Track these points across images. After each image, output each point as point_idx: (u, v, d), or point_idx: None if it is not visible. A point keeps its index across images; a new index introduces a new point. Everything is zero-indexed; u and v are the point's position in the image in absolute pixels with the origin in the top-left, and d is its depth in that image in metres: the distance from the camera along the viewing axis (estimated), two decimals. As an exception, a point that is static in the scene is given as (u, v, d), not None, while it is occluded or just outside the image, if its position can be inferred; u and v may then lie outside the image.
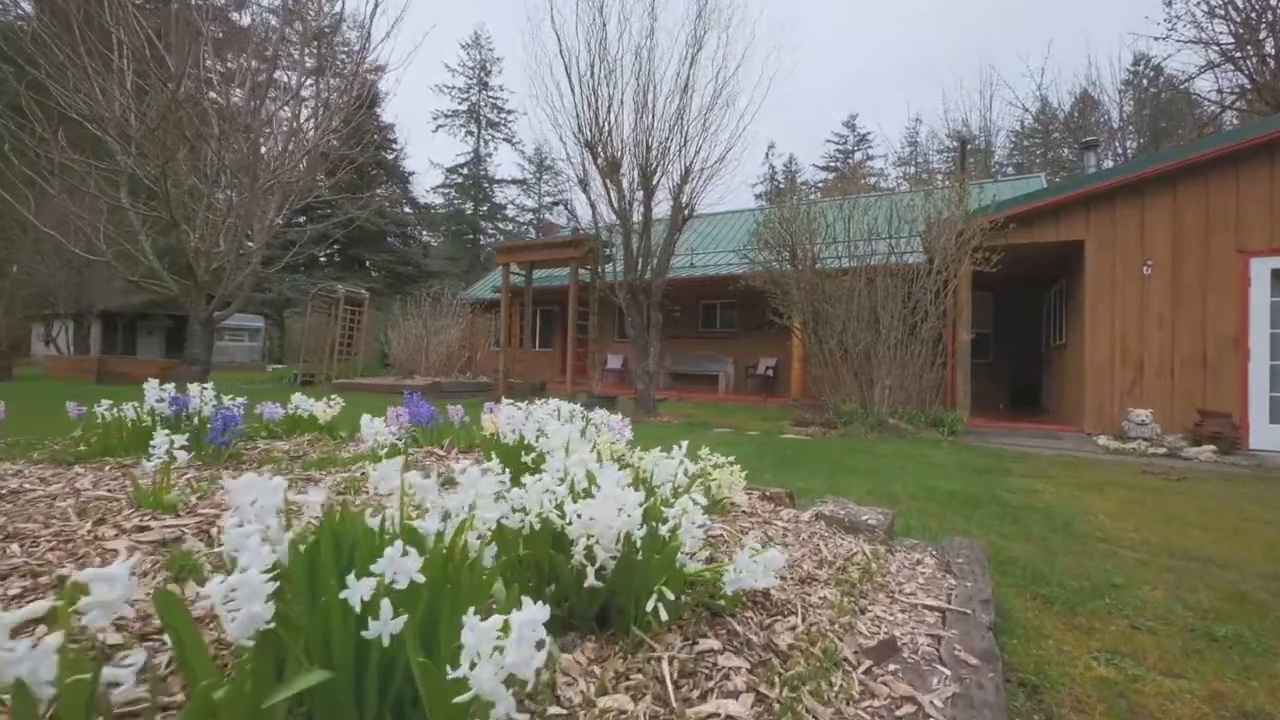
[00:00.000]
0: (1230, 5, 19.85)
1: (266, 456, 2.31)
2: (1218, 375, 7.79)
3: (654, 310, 9.08)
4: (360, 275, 19.48)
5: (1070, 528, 3.12)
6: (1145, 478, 5.19)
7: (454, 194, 48.04)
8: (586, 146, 8.45)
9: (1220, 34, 20.46)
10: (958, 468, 5.20)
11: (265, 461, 2.22)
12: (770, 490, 2.46)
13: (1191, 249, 8.01)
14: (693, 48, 8.47)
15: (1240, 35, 20.28)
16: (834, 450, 5.98)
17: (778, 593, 1.37)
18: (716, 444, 6.09)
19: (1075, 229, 8.68)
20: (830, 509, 2.25)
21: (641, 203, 8.49)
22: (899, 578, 1.74)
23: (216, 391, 2.52)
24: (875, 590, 1.59)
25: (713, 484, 1.92)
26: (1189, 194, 8.05)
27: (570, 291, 10.17)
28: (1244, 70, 21.07)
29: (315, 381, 14.81)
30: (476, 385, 13.17)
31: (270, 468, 2.16)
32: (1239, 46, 20.43)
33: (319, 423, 3.10)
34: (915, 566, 1.86)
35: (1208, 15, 20.24)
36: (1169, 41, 20.80)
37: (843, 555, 1.80)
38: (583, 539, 0.98)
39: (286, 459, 2.31)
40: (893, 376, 8.00)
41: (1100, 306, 8.46)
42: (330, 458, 2.28)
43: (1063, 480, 4.80)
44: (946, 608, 1.52)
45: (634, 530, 1.02)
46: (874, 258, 8.81)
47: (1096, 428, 8.35)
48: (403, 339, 14.14)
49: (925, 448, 6.45)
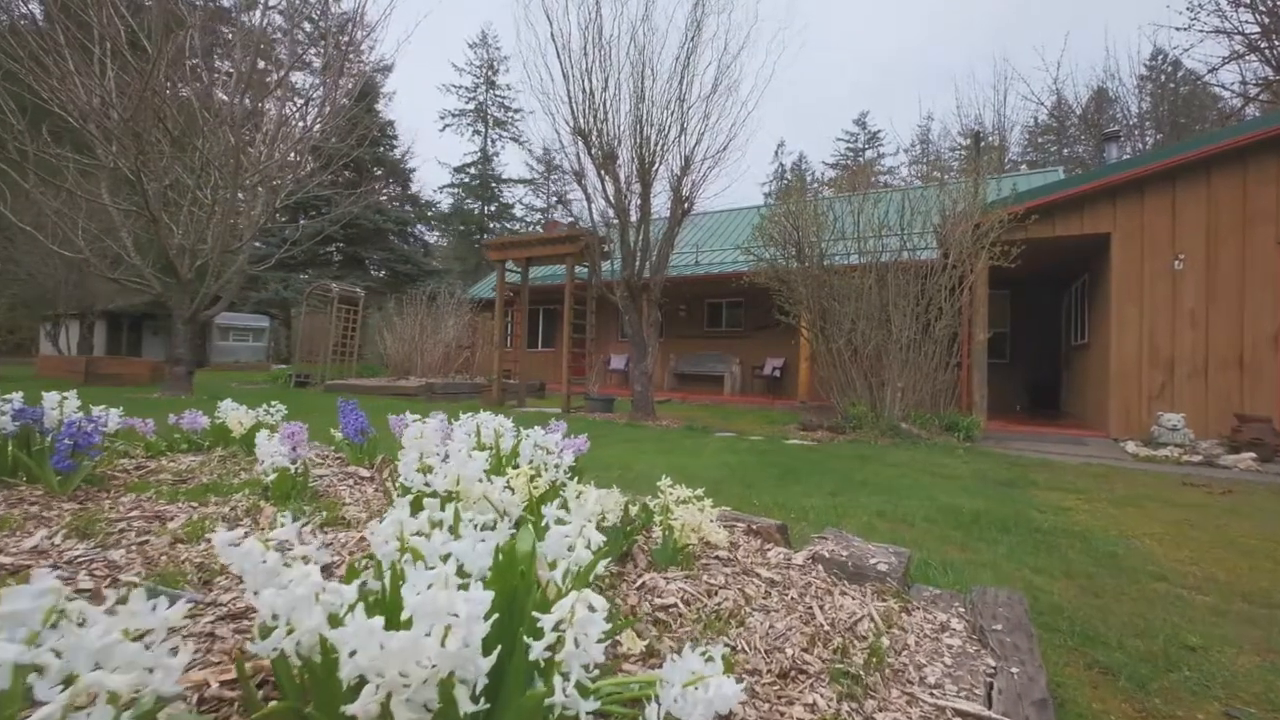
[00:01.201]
0: (1258, -10, 19.22)
1: (141, 481, 1.90)
2: (1256, 376, 7.24)
3: (652, 308, 8.64)
4: (361, 274, 19.18)
5: (1117, 559, 2.65)
6: (1186, 491, 4.68)
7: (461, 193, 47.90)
8: (579, 135, 8.02)
9: (1246, 23, 19.78)
10: (977, 480, 4.72)
11: (138, 488, 1.82)
12: (758, 522, 2.02)
13: (1228, 241, 7.45)
14: (692, 30, 8.02)
15: (1266, 25, 19.60)
16: (842, 459, 5.51)
17: (742, 708, 0.94)
18: (714, 451, 5.65)
19: (1101, 221, 8.15)
20: (831, 547, 1.82)
21: (639, 196, 8.06)
22: (918, 655, 1.30)
23: (83, 402, 2.11)
24: (886, 683, 1.15)
25: (675, 524, 1.48)
26: (1225, 182, 7.49)
27: (566, 289, 9.75)
28: (1270, 60, 20.38)
29: (310, 382, 14.51)
30: (473, 386, 12.80)
31: (132, 496, 1.75)
32: (1265, 36, 19.75)
33: (243, 434, 2.69)
34: (940, 635, 1.42)
35: (1233, 4, 19.56)
36: (1191, 32, 20.15)
37: (844, 622, 1.36)
38: (374, 685, 0.55)
39: (169, 482, 1.91)
40: (905, 379, 7.51)
41: (1127, 304, 7.92)
42: (219, 484, 1.87)
43: (1095, 495, 4.31)
44: (986, 717, 1.08)
45: (474, 665, 0.59)
46: (884, 254, 8.32)
47: (1123, 433, 7.82)
48: (397, 339, 13.78)
49: (940, 456, 5.96)
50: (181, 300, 9.57)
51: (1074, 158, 39.15)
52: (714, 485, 3.96)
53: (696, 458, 5.12)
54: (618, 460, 4.78)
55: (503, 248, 10.52)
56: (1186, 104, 28.92)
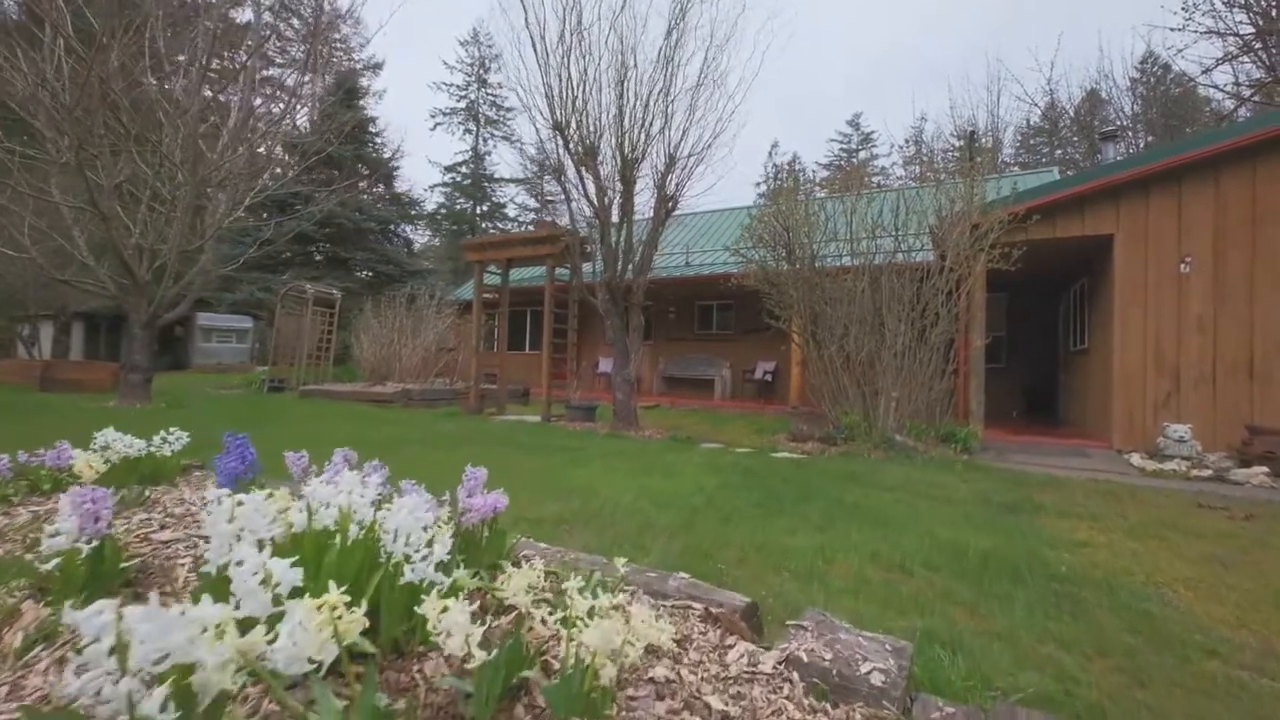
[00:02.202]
0: (1253, -7, 19.16)
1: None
2: (1267, 384, 6.88)
3: (635, 313, 8.21)
4: (344, 274, 18.57)
5: (1154, 622, 2.24)
6: (1205, 516, 4.30)
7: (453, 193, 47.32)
8: (558, 130, 7.57)
9: (1240, 24, 19.67)
10: (979, 503, 4.32)
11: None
12: (721, 600, 1.59)
13: (1237, 243, 7.09)
14: (676, 17, 7.59)
15: (1260, 26, 19.49)
16: (832, 477, 5.10)
17: None
18: (695, 469, 5.21)
19: (1103, 222, 7.78)
20: (811, 644, 1.40)
21: (620, 195, 7.62)
22: None
23: None
24: None
25: (586, 649, 1.05)
26: (1234, 182, 7.14)
27: (546, 291, 9.31)
28: (1263, 62, 20.30)
29: (285, 388, 13.99)
30: (452, 392, 12.32)
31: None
32: (1259, 37, 19.63)
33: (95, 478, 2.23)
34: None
35: (1227, 4, 19.46)
36: (1185, 33, 20.06)
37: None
38: None
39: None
40: (900, 388, 7.11)
41: (1132, 308, 7.56)
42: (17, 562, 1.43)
43: (1110, 522, 3.92)
44: None
45: None
46: (878, 256, 7.93)
47: (1127, 443, 7.46)
48: (374, 342, 13.27)
49: (937, 473, 5.56)
50: (139, 303, 9.04)
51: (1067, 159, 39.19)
52: (688, 518, 3.54)
53: (673, 479, 4.69)
54: (583, 484, 4.34)
55: (481, 249, 10.07)
56: (1178, 105, 28.83)
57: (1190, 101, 26.66)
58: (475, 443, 6.65)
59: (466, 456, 5.30)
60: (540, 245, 9.26)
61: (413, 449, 5.99)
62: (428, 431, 7.45)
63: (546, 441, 6.84)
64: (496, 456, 5.66)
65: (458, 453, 5.75)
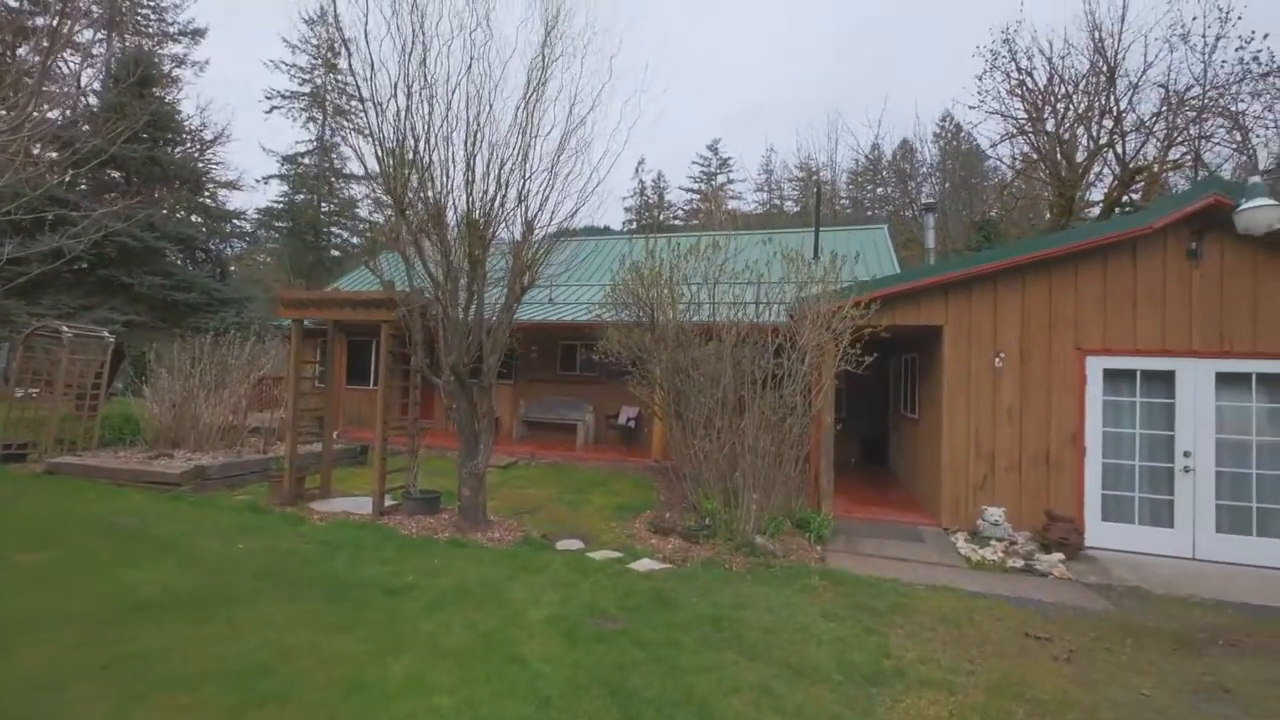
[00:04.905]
0: (1024, 85, 23.00)
1: None
2: (1059, 472, 7.81)
3: (485, 397, 7.32)
4: (126, 303, 14.96)
5: None
6: (1034, 655, 4.52)
7: (295, 187, 41.88)
8: (392, 197, 6.48)
9: (1015, 109, 23.61)
10: (844, 671, 4.15)
11: None
12: None
13: (1038, 343, 8.00)
14: (537, 81, 6.90)
15: (1030, 114, 23.52)
16: (690, 624, 4.70)
17: None
18: (546, 627, 4.47)
19: (935, 314, 8.43)
20: None
21: (467, 274, 6.72)
22: None
23: None
24: None
25: None
26: (1035, 289, 8.06)
27: (383, 363, 8.06)
28: (1031, 144, 24.55)
29: (27, 455, 10.88)
30: (262, 465, 10.32)
31: None
32: (1031, 122, 23.67)
33: None
34: None
35: (1009, 93, 23.29)
36: (979, 110, 23.78)
37: None
38: None
39: None
40: (759, 490, 7.03)
41: (957, 398, 8.24)
42: None
43: (968, 679, 3.91)
44: None
45: None
46: (741, 322, 7.92)
47: (954, 522, 8.09)
48: (160, 400, 10.77)
49: (798, 604, 5.41)
50: None
51: (883, 196, 44.79)
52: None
53: (511, 673, 3.92)
54: (343, 679, 3.45)
55: (300, 305, 8.49)
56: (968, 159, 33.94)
57: (979, 155, 31.35)
58: (262, 596, 4.92)
59: (229, 642, 4.17)
60: (375, 310, 8.01)
61: (145, 629, 4.17)
62: (196, 565, 5.69)
63: (362, 574, 5.64)
64: (282, 635, 4.17)
65: (217, 629, 4.23)
